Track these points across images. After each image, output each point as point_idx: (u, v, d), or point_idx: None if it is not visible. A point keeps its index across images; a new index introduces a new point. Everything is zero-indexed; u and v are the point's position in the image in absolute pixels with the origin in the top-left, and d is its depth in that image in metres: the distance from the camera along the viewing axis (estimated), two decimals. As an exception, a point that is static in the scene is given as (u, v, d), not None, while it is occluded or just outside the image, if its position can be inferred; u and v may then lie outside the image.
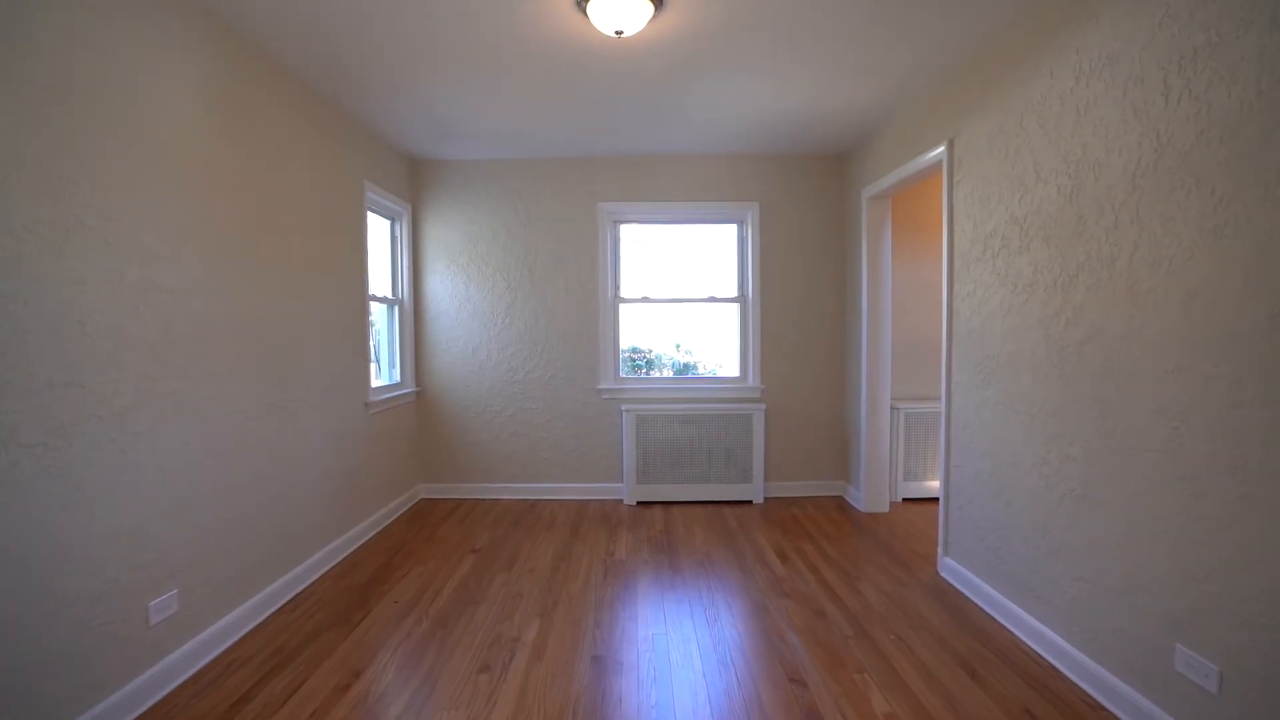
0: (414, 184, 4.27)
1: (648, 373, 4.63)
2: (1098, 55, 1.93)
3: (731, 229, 4.40)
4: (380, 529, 3.67)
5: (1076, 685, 2.03)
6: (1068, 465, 2.10)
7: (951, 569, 2.87)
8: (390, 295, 4.14)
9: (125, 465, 1.86)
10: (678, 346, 4.68)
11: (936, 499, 4.10)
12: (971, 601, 2.66)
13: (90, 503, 1.74)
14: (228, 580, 2.32)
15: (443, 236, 4.30)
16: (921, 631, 2.43)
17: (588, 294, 4.30)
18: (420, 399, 4.35)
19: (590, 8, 2.21)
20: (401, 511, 4.03)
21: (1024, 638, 2.33)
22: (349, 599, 2.73)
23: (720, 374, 4.53)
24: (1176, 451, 1.67)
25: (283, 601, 2.67)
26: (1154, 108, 1.72)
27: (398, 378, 4.17)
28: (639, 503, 4.20)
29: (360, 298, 3.49)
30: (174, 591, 2.03)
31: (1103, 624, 1.95)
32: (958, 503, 2.84)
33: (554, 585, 2.88)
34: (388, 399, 3.82)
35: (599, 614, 2.58)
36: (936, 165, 3.04)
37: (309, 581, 2.88)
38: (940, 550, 2.98)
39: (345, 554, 3.24)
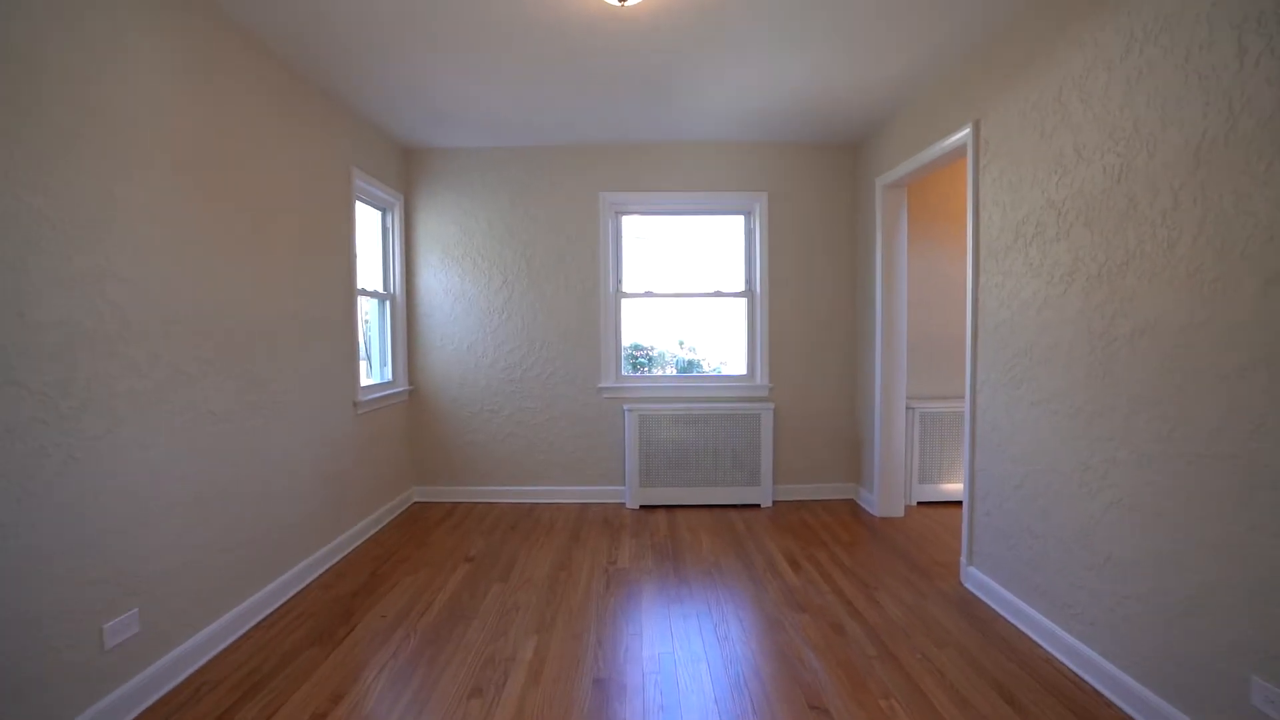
0: (407, 174, 4.08)
1: (649, 371, 4.45)
2: (1153, 17, 1.74)
3: (738, 220, 4.21)
4: (370, 535, 3.49)
5: (1128, 714, 1.85)
6: (1115, 471, 1.91)
7: (976, 579, 2.69)
8: (381, 290, 3.96)
9: (75, 473, 1.67)
10: (681, 344, 4.50)
11: (954, 503, 3.93)
12: (999, 615, 2.48)
13: (32, 516, 1.56)
14: (198, 595, 2.14)
15: (437, 228, 4.11)
16: (948, 649, 2.25)
17: (588, 289, 4.11)
18: (413, 398, 4.16)
19: (591, -29, 2.03)
20: (394, 516, 3.85)
21: (1062, 657, 2.14)
22: (333, 612, 2.55)
23: (725, 372, 4.35)
24: (1251, 457, 1.49)
25: (262, 616, 2.48)
26: (1225, 72, 1.53)
27: (389, 376, 3.99)
28: (642, 506, 4.02)
29: (348, 291, 3.30)
30: (134, 611, 1.85)
31: (1158, 647, 1.76)
32: (984, 509, 2.66)
33: (552, 597, 2.70)
34: (378, 398, 3.64)
35: (600, 630, 2.40)
36: (960, 149, 2.85)
37: (291, 593, 2.70)
38: (963, 559, 2.80)
39: (332, 563, 3.06)
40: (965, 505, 2.79)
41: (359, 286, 3.50)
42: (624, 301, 4.21)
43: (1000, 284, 2.52)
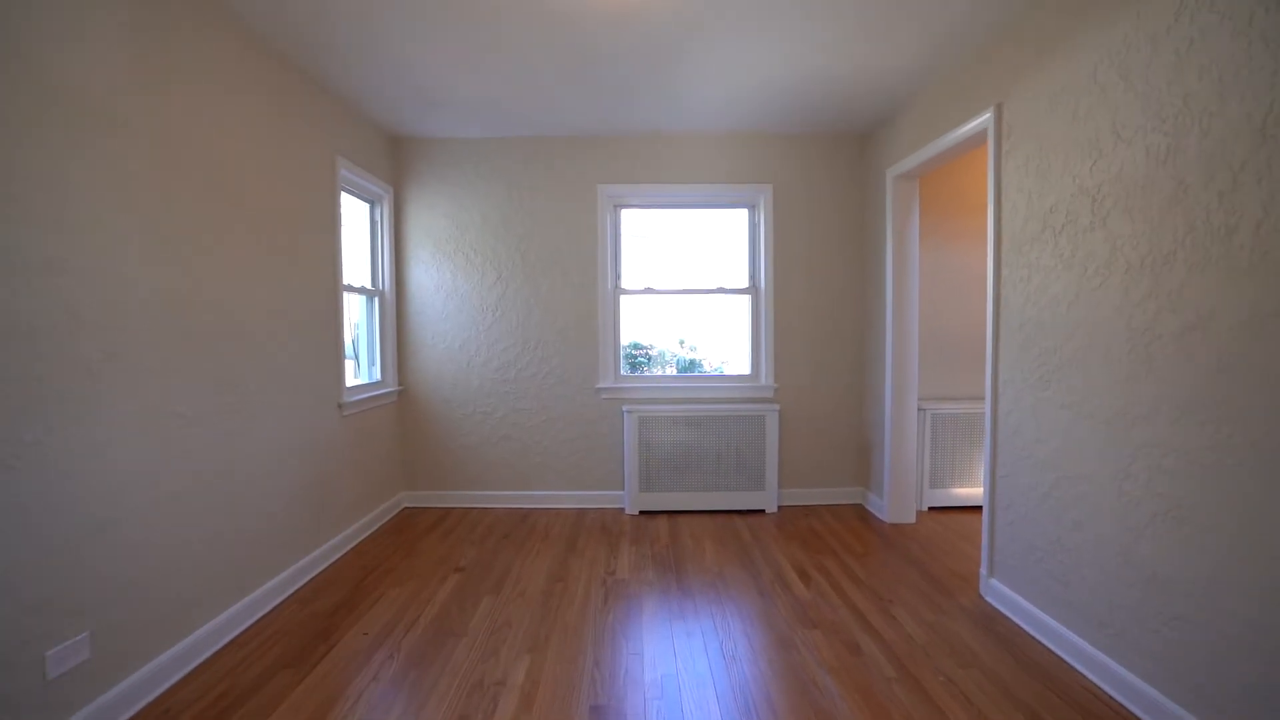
0: (396, 165, 3.91)
1: (650, 371, 4.28)
2: (1208, -19, 1.59)
3: (742, 214, 4.05)
4: (355, 544, 3.32)
5: (1175, 747, 1.69)
6: (1161, 480, 1.75)
7: (998, 593, 2.53)
8: (370, 286, 3.79)
9: (12, 483, 1.50)
10: (681, 342, 4.33)
11: (967, 508, 3.77)
12: (1026, 632, 2.32)
13: (-40, 532, 1.39)
14: (159, 615, 1.96)
15: (428, 222, 3.94)
16: (973, 670, 2.08)
17: (586, 285, 3.94)
18: (403, 399, 3.99)
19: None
20: (382, 523, 3.67)
21: (1099, 681, 1.98)
22: (312, 630, 2.38)
23: (728, 371, 4.18)
24: (1328, 468, 1.32)
25: (233, 635, 2.31)
26: (1298, 35, 1.37)
27: (378, 376, 3.81)
28: (641, 512, 3.85)
29: (333, 287, 3.13)
30: (84, 635, 1.68)
31: (1215, 675, 1.60)
32: (1006, 518, 2.50)
33: (547, 612, 2.53)
34: (366, 399, 3.47)
35: (599, 650, 2.23)
36: (980, 135, 2.69)
37: (267, 609, 2.52)
38: (983, 571, 2.64)
39: (313, 574, 2.89)
40: (986, 514, 2.62)
41: (345, 282, 3.33)
42: (623, 298, 4.04)
43: (1026, 278, 2.36)
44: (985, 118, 2.58)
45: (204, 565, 2.17)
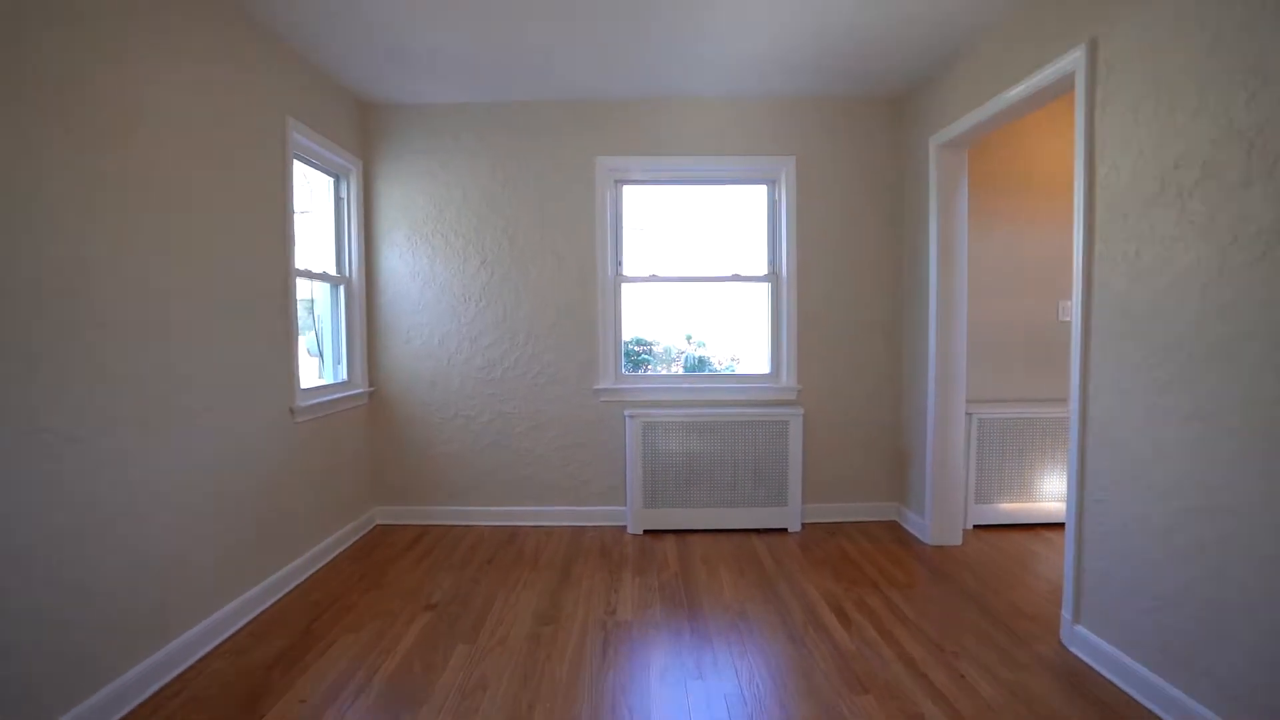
0: (365, 134, 3.42)
1: (654, 369, 3.80)
2: None
3: (761, 190, 3.56)
4: (313, 572, 2.83)
5: None
6: (1374, 524, 1.27)
7: (1087, 643, 2.05)
8: (334, 272, 3.30)
9: None
10: (688, 338, 3.86)
11: (1016, 526, 3.30)
12: (1136, 701, 1.84)
13: None
14: (19, 695, 1.48)
15: (402, 199, 3.45)
16: (1080, 759, 1.60)
17: (583, 271, 3.46)
18: (374, 401, 3.51)
19: None
20: (350, 544, 3.19)
21: (1255, 782, 1.50)
22: (239, 694, 1.90)
23: (740, 370, 3.70)
24: None
25: (135, 704, 1.83)
26: None
27: (345, 375, 3.33)
28: (646, 531, 3.37)
29: (283, 270, 2.65)
30: None
31: None
32: (1099, 554, 2.02)
33: (532, 667, 2.05)
34: (327, 402, 2.99)
35: (595, 726, 1.76)
36: (1062, 83, 2.20)
37: (186, 664, 2.04)
38: (1065, 614, 2.16)
39: (253, 615, 2.40)
40: (1069, 545, 2.14)
41: (304, 267, 2.85)
42: (624, 287, 3.56)
43: (1133, 254, 1.87)
44: (1073, 57, 2.09)
45: (96, 614, 1.69)
